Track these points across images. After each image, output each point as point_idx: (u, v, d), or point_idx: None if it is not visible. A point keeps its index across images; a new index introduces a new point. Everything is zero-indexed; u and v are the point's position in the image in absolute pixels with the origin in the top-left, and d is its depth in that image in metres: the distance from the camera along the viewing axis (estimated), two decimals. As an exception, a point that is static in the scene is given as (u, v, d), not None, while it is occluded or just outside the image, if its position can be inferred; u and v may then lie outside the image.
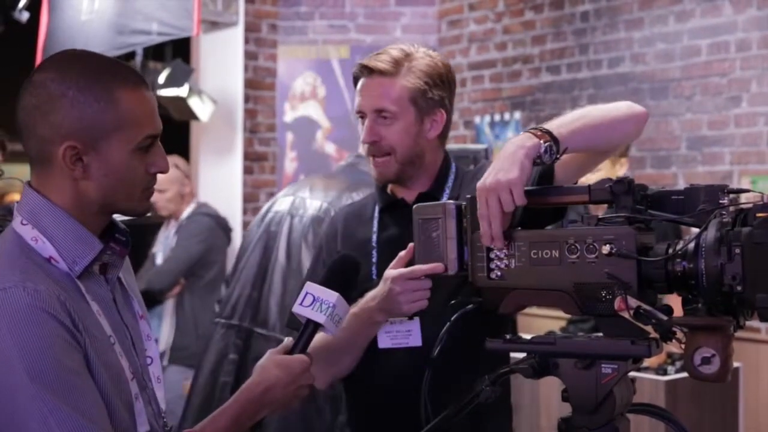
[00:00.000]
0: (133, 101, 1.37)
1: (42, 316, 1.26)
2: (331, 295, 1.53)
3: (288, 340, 1.55)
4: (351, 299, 1.69)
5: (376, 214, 1.98)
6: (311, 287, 1.55)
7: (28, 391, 1.23)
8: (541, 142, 1.55)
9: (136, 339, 1.46)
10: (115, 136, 1.35)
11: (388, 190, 1.97)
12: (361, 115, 1.90)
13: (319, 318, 1.52)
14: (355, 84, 1.93)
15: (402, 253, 1.73)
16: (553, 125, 1.61)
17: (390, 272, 1.73)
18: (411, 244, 1.70)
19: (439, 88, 1.90)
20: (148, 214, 1.55)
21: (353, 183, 2.78)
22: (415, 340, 1.82)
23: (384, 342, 1.84)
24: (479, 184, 1.53)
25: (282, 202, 2.95)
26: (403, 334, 1.84)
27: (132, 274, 1.55)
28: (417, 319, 1.82)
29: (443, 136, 1.95)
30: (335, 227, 2.05)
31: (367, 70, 1.88)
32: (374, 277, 1.89)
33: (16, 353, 1.24)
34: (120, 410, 1.34)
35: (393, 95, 1.86)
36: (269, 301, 2.83)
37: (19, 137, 1.40)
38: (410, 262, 1.70)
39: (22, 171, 1.46)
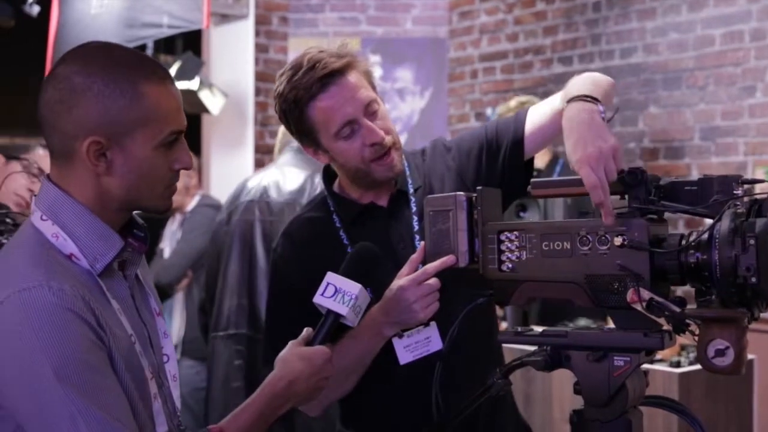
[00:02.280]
0: (159, 96, 1.34)
1: (68, 316, 1.24)
2: (354, 287, 1.52)
3: (307, 331, 1.53)
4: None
5: (338, 222, 1.83)
6: (332, 277, 1.53)
7: (56, 392, 1.22)
8: (599, 107, 1.53)
9: (154, 336, 1.44)
10: (139, 131, 1.33)
11: (352, 197, 1.84)
12: (350, 128, 1.74)
13: (342, 309, 1.50)
14: (302, 110, 1.74)
15: (414, 256, 1.67)
16: (585, 90, 1.58)
17: (399, 281, 1.65)
18: (422, 244, 1.65)
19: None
20: None
21: (317, 169, 2.75)
22: (436, 344, 1.75)
23: (405, 357, 1.75)
24: (580, 156, 1.43)
25: (247, 191, 2.92)
26: (422, 343, 1.76)
27: (147, 269, 1.53)
28: (433, 324, 1.75)
29: None
30: (298, 246, 1.85)
31: (329, 77, 1.72)
32: (370, 294, 1.71)
33: (43, 354, 1.22)
34: (141, 410, 1.33)
35: (365, 83, 1.77)
36: (260, 306, 2.81)
37: (41, 131, 1.37)
38: (423, 263, 1.65)
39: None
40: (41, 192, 1.38)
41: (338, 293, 1.51)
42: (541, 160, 4.14)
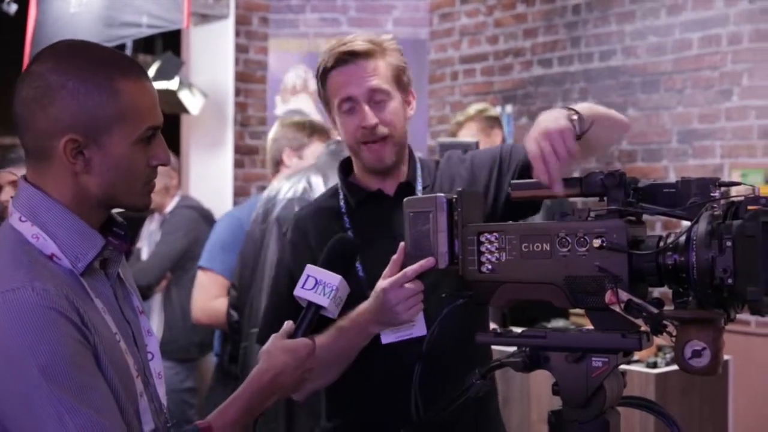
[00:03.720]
0: (135, 92, 1.34)
1: (53, 316, 1.24)
2: (334, 278, 1.53)
3: (288, 324, 1.54)
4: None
5: (344, 209, 1.92)
6: (312, 270, 1.54)
7: (43, 392, 1.21)
8: (573, 114, 1.59)
9: (138, 335, 1.44)
10: (116, 128, 1.32)
11: (361, 183, 1.91)
12: (350, 105, 1.85)
13: (322, 301, 1.52)
14: (324, 75, 1.88)
15: (395, 257, 1.69)
16: (578, 107, 1.65)
17: (381, 283, 1.69)
18: (402, 244, 1.67)
19: (409, 70, 1.92)
20: None
21: None
22: (420, 329, 1.79)
23: (387, 337, 1.80)
24: (528, 136, 1.55)
25: (287, 190, 2.90)
26: (406, 325, 1.80)
27: (128, 268, 1.52)
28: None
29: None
30: (303, 231, 1.94)
31: (350, 56, 1.84)
32: (361, 274, 1.83)
33: (29, 355, 1.22)
34: (127, 409, 1.32)
35: (383, 75, 1.85)
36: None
37: (15, 131, 1.36)
38: (403, 264, 1.67)
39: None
40: (18, 193, 1.36)
41: (319, 285, 1.52)
42: None
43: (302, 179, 2.86)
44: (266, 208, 2.92)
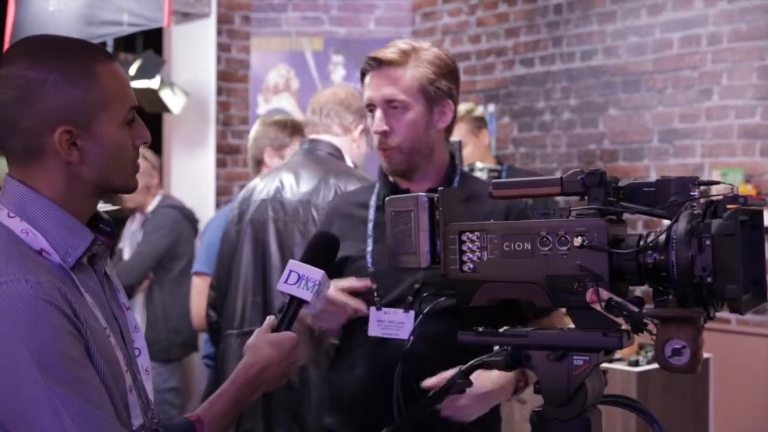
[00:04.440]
0: (112, 75, 1.37)
1: (46, 308, 1.24)
2: (316, 273, 1.56)
3: (271, 319, 1.57)
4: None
5: (373, 202, 1.99)
6: (295, 265, 1.57)
7: (38, 384, 1.22)
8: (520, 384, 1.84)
9: (125, 331, 1.45)
10: (103, 113, 1.34)
11: (393, 181, 1.97)
12: (371, 107, 1.92)
13: (305, 296, 1.54)
14: (363, 79, 1.96)
15: (355, 284, 1.83)
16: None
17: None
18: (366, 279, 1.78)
19: (446, 79, 1.93)
20: (118, 207, 1.54)
21: (330, 170, 2.75)
22: (405, 334, 1.83)
23: (374, 331, 1.86)
24: (470, 393, 1.66)
25: (260, 190, 2.89)
26: (395, 326, 1.85)
27: (111, 264, 1.52)
28: (412, 312, 1.84)
29: (449, 129, 1.98)
30: (330, 217, 2.05)
31: (376, 62, 1.91)
32: (369, 264, 1.91)
33: (24, 346, 1.22)
34: (118, 402, 1.33)
35: (403, 85, 1.89)
36: (274, 304, 2.78)
37: None
38: (389, 263, 1.70)
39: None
40: (6, 190, 1.36)
41: (301, 280, 1.55)
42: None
43: (275, 179, 2.85)
44: (241, 209, 2.91)
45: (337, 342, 1.98)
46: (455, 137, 3.95)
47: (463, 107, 4.27)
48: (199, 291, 3.41)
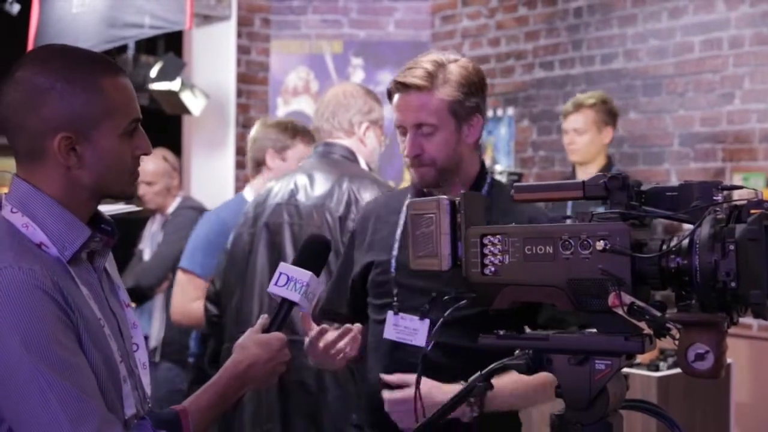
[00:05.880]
0: (117, 88, 1.43)
1: (37, 294, 1.30)
2: (304, 275, 1.62)
3: (264, 319, 1.64)
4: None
5: (405, 209, 2.00)
6: (285, 267, 1.64)
7: (27, 367, 1.27)
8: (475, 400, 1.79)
9: (123, 326, 1.50)
10: (104, 123, 1.40)
11: (424, 189, 2.01)
12: (402, 130, 1.96)
13: (294, 297, 1.61)
14: (390, 98, 1.98)
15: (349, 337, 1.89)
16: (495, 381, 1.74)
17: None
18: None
19: (474, 96, 1.95)
20: (139, 208, 1.59)
21: (344, 174, 2.75)
22: (420, 340, 1.88)
23: (389, 333, 1.92)
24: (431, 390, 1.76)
25: (275, 194, 2.90)
26: (409, 331, 1.90)
27: (115, 266, 1.59)
28: (427, 321, 1.87)
29: (478, 139, 2.00)
30: (365, 220, 2.11)
31: (403, 87, 1.92)
32: (393, 270, 1.95)
33: (14, 330, 1.27)
34: (110, 391, 1.38)
35: (432, 108, 1.91)
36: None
37: (5, 133, 1.42)
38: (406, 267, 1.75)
39: (11, 164, 1.49)
40: (12, 188, 1.43)
41: (290, 282, 1.62)
42: (596, 166, 4.02)
43: (290, 182, 2.85)
44: (256, 212, 2.90)
45: (374, 340, 2.03)
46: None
47: (597, 96, 4.05)
48: (181, 287, 3.39)
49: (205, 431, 1.52)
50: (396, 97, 1.95)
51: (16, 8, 4.00)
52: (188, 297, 3.33)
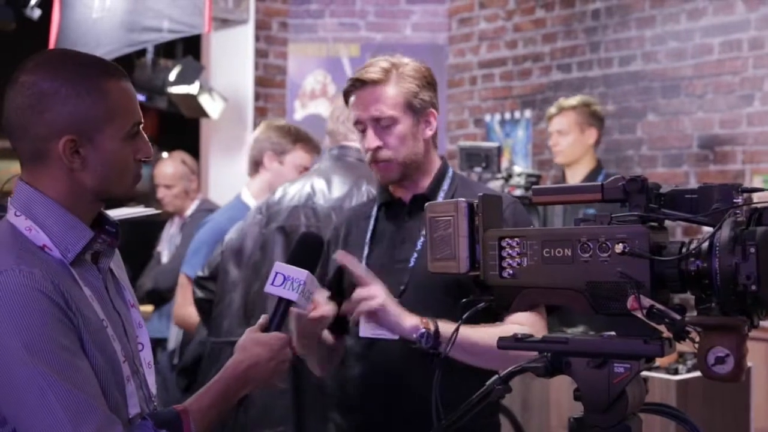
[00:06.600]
0: (120, 92, 1.45)
1: (37, 296, 1.32)
2: (301, 273, 1.62)
3: (263, 318, 1.64)
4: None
5: (374, 212, 2.08)
6: (281, 267, 1.63)
7: (27, 368, 1.29)
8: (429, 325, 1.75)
9: (128, 326, 1.51)
10: (108, 126, 1.43)
11: (390, 189, 2.06)
12: (361, 127, 2.00)
13: (291, 296, 1.61)
14: (347, 99, 2.04)
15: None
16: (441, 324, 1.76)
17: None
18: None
19: (428, 90, 2.03)
20: (158, 211, 1.61)
21: (361, 176, 2.75)
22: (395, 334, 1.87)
23: (365, 331, 1.92)
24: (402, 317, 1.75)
25: (291, 197, 2.89)
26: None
27: (123, 268, 1.61)
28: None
29: (435, 135, 2.07)
30: (337, 230, 2.15)
31: (359, 83, 1.99)
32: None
33: (14, 332, 1.29)
34: (113, 391, 1.39)
35: (389, 102, 1.97)
36: None
37: (9, 137, 1.44)
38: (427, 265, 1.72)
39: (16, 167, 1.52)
40: (16, 192, 1.46)
41: (287, 281, 1.61)
42: (585, 168, 4.06)
43: (306, 185, 2.84)
44: (270, 213, 2.89)
45: (352, 341, 2.02)
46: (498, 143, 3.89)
47: (580, 99, 4.12)
48: (182, 291, 3.42)
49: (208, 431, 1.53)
50: (353, 96, 2.01)
51: (36, 13, 4.04)
52: (187, 301, 3.35)
